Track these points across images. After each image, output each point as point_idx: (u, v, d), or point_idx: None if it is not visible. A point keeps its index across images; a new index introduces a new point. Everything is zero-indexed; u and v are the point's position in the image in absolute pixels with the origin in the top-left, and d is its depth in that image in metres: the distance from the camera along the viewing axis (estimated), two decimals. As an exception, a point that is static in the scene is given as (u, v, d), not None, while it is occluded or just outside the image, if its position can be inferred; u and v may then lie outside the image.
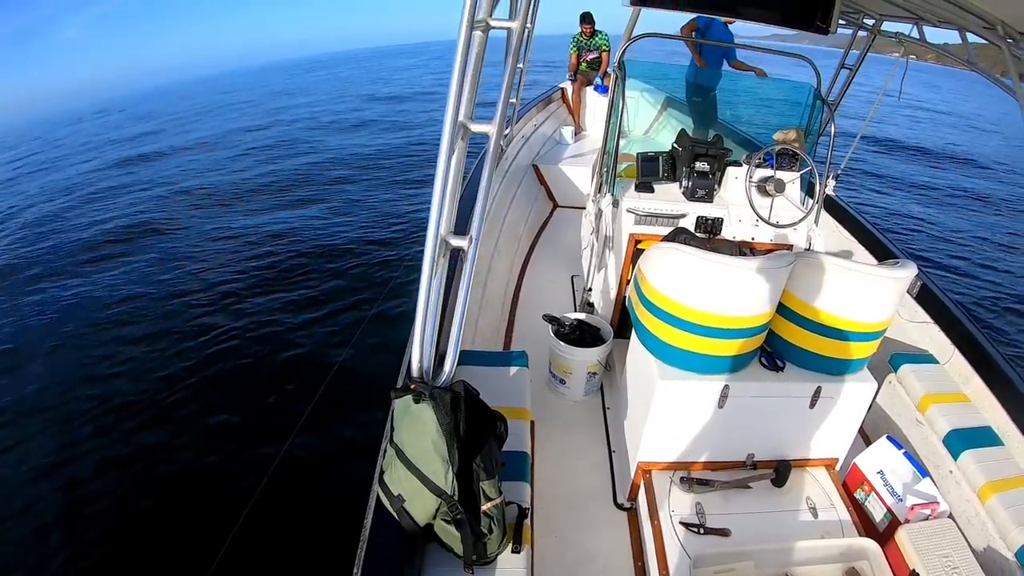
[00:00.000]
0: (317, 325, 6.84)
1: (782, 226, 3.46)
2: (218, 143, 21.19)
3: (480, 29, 1.87)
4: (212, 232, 10.33)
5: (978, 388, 3.21)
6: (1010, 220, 12.61)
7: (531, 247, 5.37)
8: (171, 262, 9.17)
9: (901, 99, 4.59)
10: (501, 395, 2.54)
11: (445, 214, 1.77)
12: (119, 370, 6.32)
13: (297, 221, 10.58)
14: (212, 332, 6.88)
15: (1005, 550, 2.53)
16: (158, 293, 8.13)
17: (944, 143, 22.06)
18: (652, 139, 4.85)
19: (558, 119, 7.94)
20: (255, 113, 29.68)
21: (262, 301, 7.53)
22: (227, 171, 15.60)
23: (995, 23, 2.62)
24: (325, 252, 8.92)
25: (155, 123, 31.97)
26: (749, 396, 2.57)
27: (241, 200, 12.50)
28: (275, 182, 13.81)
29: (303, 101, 32.31)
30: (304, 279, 8.09)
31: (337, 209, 11.15)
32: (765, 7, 2.99)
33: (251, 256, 9.05)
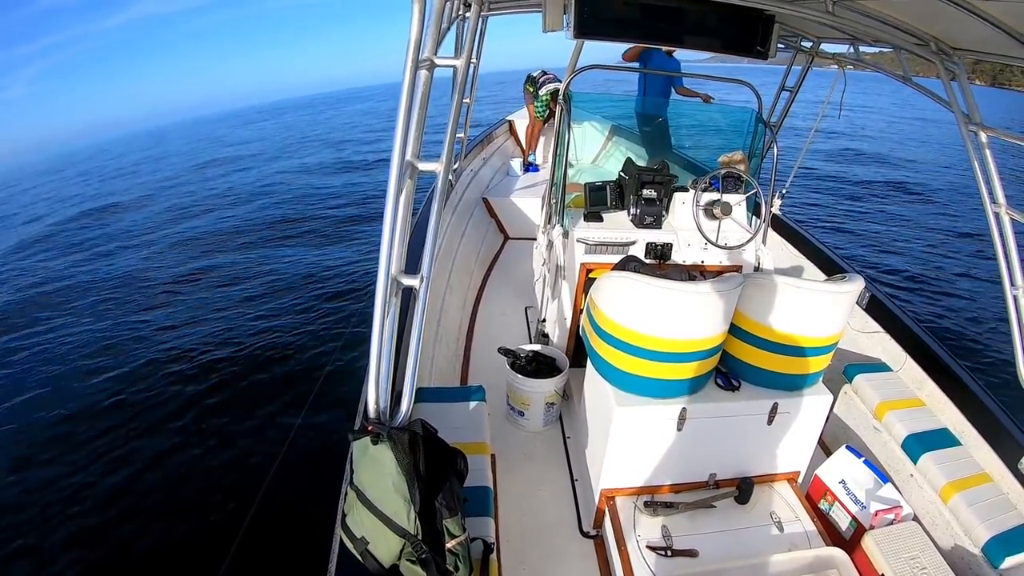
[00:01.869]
0: (272, 391, 6.58)
1: (730, 248, 3.52)
2: (150, 199, 21.04)
3: (425, 68, 1.90)
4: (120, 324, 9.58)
5: (932, 392, 3.28)
6: (949, 222, 13.02)
7: (484, 280, 5.36)
8: (113, 330, 8.88)
9: (844, 112, 4.72)
10: (460, 431, 2.54)
11: (396, 253, 1.78)
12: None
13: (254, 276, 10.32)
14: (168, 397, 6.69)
15: (971, 546, 2.58)
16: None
17: (887, 150, 22.74)
18: (601, 168, 4.92)
19: (506, 152, 7.99)
20: (185, 167, 29.48)
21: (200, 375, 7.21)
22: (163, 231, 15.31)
23: (928, 40, 2.71)
24: (273, 316, 8.57)
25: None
26: (707, 417, 2.60)
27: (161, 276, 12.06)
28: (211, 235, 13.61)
29: (246, 153, 31.99)
30: (255, 343, 7.77)
31: (284, 265, 10.88)
32: (705, 35, 3.04)
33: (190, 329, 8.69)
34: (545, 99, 7.46)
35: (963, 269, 10.05)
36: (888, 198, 15.11)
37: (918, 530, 2.54)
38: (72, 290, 10.99)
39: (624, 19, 2.93)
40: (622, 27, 2.95)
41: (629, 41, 3.17)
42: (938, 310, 8.41)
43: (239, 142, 38.96)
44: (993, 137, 2.65)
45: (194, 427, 6.02)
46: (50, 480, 5.48)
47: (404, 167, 1.80)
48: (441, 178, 1.91)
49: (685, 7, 2.89)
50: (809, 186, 15.17)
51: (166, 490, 5.25)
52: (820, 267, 4.46)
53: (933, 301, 8.71)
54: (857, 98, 42.69)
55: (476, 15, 2.32)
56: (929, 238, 11.77)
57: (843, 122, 23.47)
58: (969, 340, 7.46)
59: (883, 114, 36.46)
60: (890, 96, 46.00)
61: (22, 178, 45.55)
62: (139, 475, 5.45)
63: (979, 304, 8.55)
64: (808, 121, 5.30)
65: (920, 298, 8.76)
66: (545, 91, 7.45)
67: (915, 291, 9.00)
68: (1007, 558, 2.44)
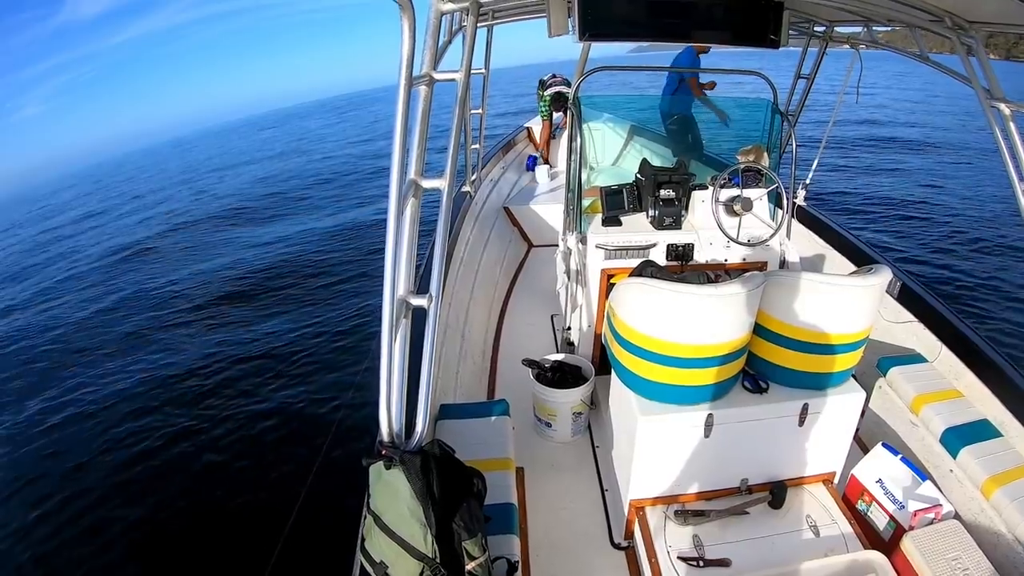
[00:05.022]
0: (298, 417, 6.57)
1: (753, 244, 3.46)
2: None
3: (424, 84, 1.89)
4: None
5: (970, 382, 3.18)
6: (978, 201, 12.77)
7: (509, 290, 5.35)
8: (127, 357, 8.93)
9: (863, 94, 4.64)
10: (483, 447, 2.53)
11: (402, 274, 1.75)
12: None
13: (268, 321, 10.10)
14: (194, 422, 6.73)
15: (1016, 544, 2.48)
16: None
17: (912, 131, 22.35)
18: (622, 168, 4.88)
19: (526, 159, 7.97)
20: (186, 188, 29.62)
21: (232, 397, 7.23)
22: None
23: (942, 16, 2.65)
24: (295, 345, 8.37)
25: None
26: (735, 422, 2.54)
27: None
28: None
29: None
30: (285, 362, 7.76)
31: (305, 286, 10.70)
32: (715, 28, 3.04)
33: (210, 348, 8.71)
34: (548, 100, 7.50)
35: (996, 251, 9.82)
36: (916, 181, 14.83)
37: (959, 529, 2.47)
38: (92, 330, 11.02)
39: (629, 19, 2.92)
40: (628, 27, 2.94)
41: (636, 40, 3.13)
42: (972, 296, 8.20)
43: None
44: (1017, 111, 2.58)
45: (219, 457, 6.07)
46: (75, 514, 5.57)
47: (407, 186, 1.78)
48: (445, 196, 1.88)
49: (690, 1, 2.87)
50: (835, 174, 14.93)
51: (194, 516, 5.31)
52: (848, 257, 4.37)
53: (966, 287, 8.50)
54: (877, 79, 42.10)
55: (472, 26, 2.30)
56: (959, 220, 11.52)
57: (865, 105, 22.90)
58: (1006, 326, 7.28)
59: (904, 94, 35.73)
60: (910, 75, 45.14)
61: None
62: (168, 504, 5.52)
63: (1014, 287, 8.35)
64: (829, 106, 5.19)
65: (953, 284, 8.55)
66: (549, 92, 7.49)
67: (947, 277, 8.80)
68: None
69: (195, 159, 46.70)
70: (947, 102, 29.49)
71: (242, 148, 45.87)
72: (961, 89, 2.89)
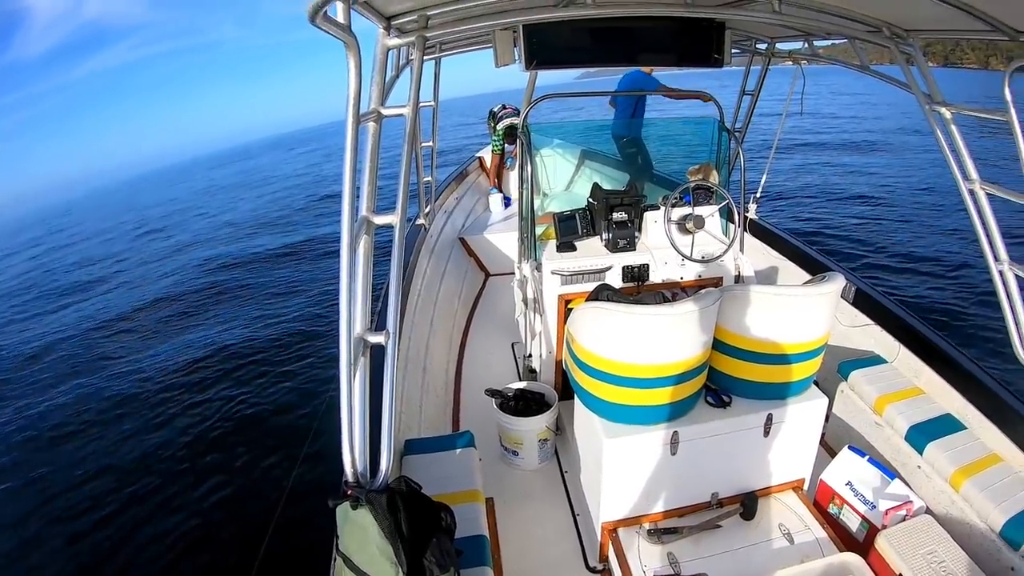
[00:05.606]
0: (261, 454, 6.38)
1: (707, 260, 3.50)
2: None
3: (372, 120, 1.89)
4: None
5: (930, 379, 3.24)
6: (926, 203, 13.13)
7: (468, 320, 5.33)
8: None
9: (812, 101, 4.75)
10: (451, 480, 2.50)
11: (358, 311, 1.74)
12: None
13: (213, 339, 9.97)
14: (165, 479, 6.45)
15: (989, 532, 2.52)
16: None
17: (858, 139, 22.98)
18: (575, 193, 4.91)
19: (479, 189, 7.98)
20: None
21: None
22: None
23: (880, 26, 2.73)
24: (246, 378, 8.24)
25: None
26: (701, 437, 2.56)
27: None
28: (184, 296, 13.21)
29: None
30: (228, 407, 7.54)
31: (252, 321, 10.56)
32: (659, 51, 3.07)
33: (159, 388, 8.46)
34: (500, 133, 7.52)
35: (946, 250, 10.04)
36: (864, 186, 15.20)
37: (932, 523, 2.50)
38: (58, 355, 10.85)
39: (574, 46, 2.92)
40: (573, 54, 2.95)
41: (582, 67, 3.18)
42: (927, 295, 8.37)
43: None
44: (957, 113, 2.64)
45: (183, 494, 5.92)
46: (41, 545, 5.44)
47: (359, 223, 1.77)
48: (397, 231, 1.87)
49: (634, 26, 2.88)
50: (785, 186, 15.22)
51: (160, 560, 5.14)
52: (802, 266, 4.46)
53: (920, 286, 8.68)
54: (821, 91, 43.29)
55: (419, 60, 2.31)
56: (909, 223, 11.80)
57: (812, 117, 23.47)
58: (961, 321, 7.42)
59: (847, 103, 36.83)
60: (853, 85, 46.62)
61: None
62: (130, 540, 5.37)
63: (966, 283, 8.53)
64: (776, 121, 5.31)
65: (907, 285, 8.72)
66: (502, 126, 7.51)
67: (901, 279, 8.97)
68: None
69: (144, 201, 45.87)
70: (889, 109, 30.40)
71: (179, 196, 45.05)
72: (903, 96, 2.97)
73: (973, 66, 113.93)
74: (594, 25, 2.84)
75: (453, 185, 7.25)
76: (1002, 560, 2.45)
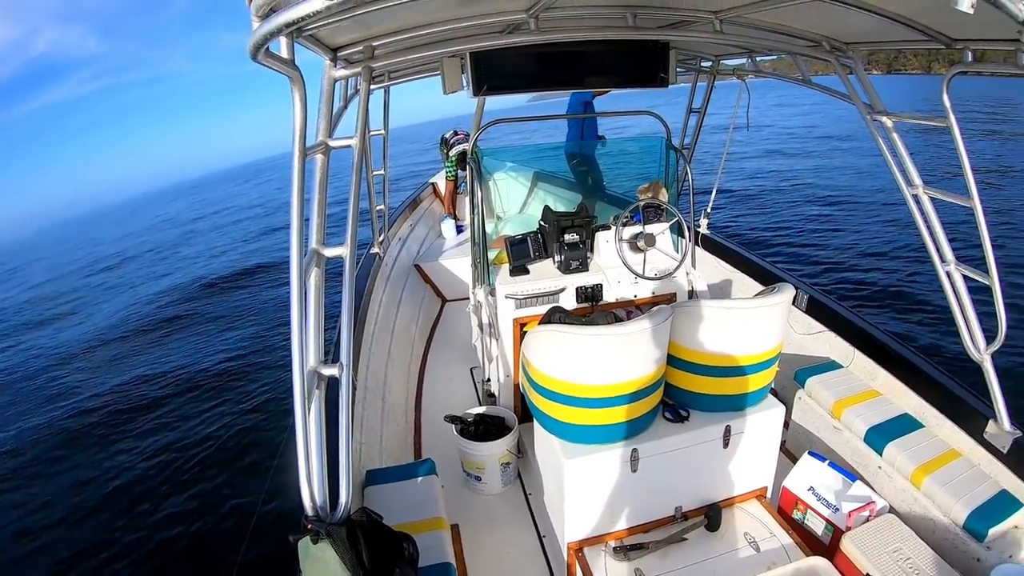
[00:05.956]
0: (225, 488, 6.25)
1: (659, 277, 3.54)
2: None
3: (320, 152, 1.88)
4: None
5: (886, 380, 3.30)
6: (873, 208, 13.45)
7: (426, 347, 5.29)
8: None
9: (761, 114, 4.82)
10: (413, 509, 2.47)
11: (311, 344, 1.72)
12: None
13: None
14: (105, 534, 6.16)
15: (953, 526, 2.56)
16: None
17: (806, 149, 23.63)
18: (529, 216, 4.92)
19: (433, 215, 7.97)
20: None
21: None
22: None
23: (819, 40, 2.79)
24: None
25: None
26: (660, 453, 2.57)
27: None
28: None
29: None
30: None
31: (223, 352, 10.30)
32: (605, 74, 3.12)
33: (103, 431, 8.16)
34: (453, 159, 7.54)
35: (893, 255, 10.27)
36: (815, 196, 15.51)
37: (896, 521, 2.54)
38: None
39: (522, 71, 2.96)
40: (521, 80, 2.99)
41: (529, 91, 3.21)
42: (878, 299, 8.53)
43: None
44: (898, 121, 2.70)
45: (141, 537, 5.71)
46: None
47: (309, 256, 1.76)
48: (348, 262, 1.87)
49: (580, 50, 2.93)
50: (736, 199, 15.47)
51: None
52: (755, 278, 4.52)
53: (871, 290, 8.85)
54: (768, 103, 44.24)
55: (366, 91, 2.32)
56: (858, 229, 12.04)
57: (761, 130, 23.89)
58: (912, 323, 7.57)
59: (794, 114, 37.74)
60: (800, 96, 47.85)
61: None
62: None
63: (915, 285, 8.71)
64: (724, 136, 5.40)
65: (858, 290, 8.88)
66: (454, 152, 7.54)
67: (852, 284, 9.13)
68: (990, 529, 2.43)
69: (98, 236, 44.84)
70: (838, 118, 31.05)
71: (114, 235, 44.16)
72: (849, 105, 3.01)
73: (917, 71, 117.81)
74: (541, 50, 2.88)
75: (407, 212, 7.24)
76: (967, 552, 2.49)
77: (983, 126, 26.70)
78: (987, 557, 2.42)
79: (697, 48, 4.11)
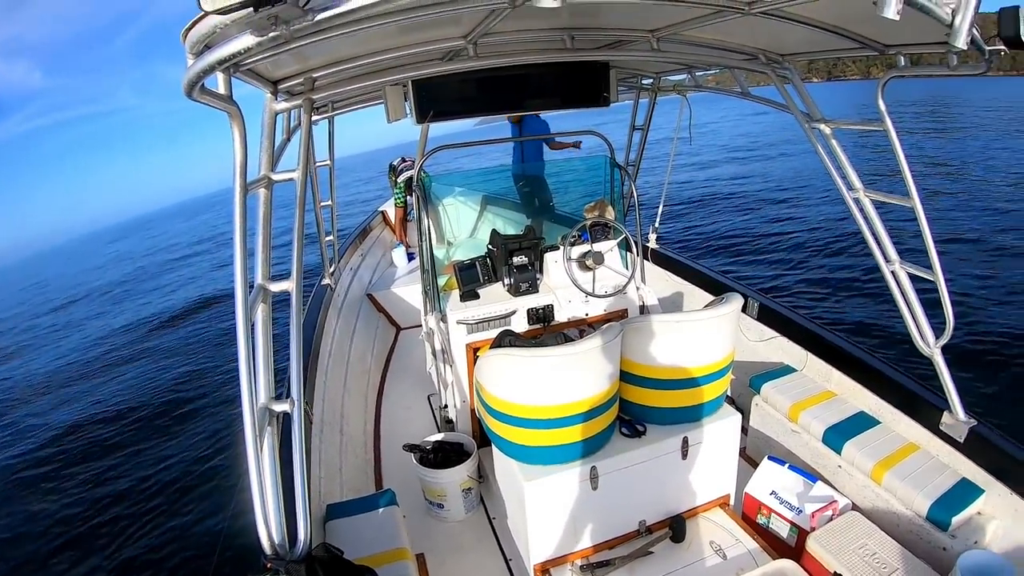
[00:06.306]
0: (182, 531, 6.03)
1: (609, 295, 3.55)
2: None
3: (262, 186, 1.86)
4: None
5: (840, 381, 3.36)
6: (818, 213, 13.73)
7: (382, 377, 5.25)
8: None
9: (706, 127, 4.91)
10: (376, 541, 2.43)
11: (261, 381, 1.69)
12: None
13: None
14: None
15: (916, 517, 2.60)
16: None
17: (751, 158, 24.07)
18: (479, 239, 4.92)
19: (384, 243, 7.92)
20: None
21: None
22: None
23: (755, 53, 2.85)
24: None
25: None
26: (619, 469, 2.59)
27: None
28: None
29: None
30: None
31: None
32: (547, 95, 3.16)
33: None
34: (402, 186, 7.50)
35: (842, 255, 10.49)
36: (762, 204, 15.79)
37: (859, 518, 2.58)
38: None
39: (464, 97, 2.99)
40: (463, 105, 3.02)
41: (472, 116, 3.22)
42: (828, 301, 8.68)
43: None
44: (836, 128, 2.76)
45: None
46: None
47: (256, 292, 1.74)
48: (294, 297, 1.85)
49: (521, 73, 2.97)
50: (685, 212, 15.65)
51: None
52: (706, 289, 4.57)
53: (821, 293, 9.00)
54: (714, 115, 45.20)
55: (307, 123, 2.30)
56: (807, 233, 12.29)
57: (707, 143, 24.21)
58: (863, 322, 7.70)
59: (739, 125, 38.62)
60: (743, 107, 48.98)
61: None
62: None
63: (864, 285, 8.86)
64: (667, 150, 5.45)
65: (809, 293, 9.04)
66: (402, 179, 7.49)
67: (803, 288, 9.29)
68: (954, 518, 2.48)
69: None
70: (779, 128, 31.85)
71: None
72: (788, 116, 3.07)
73: (856, 77, 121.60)
74: (482, 75, 2.90)
75: (357, 242, 7.18)
76: (933, 542, 2.53)
77: (924, 124, 27.60)
78: (952, 545, 2.46)
79: (637, 66, 4.16)
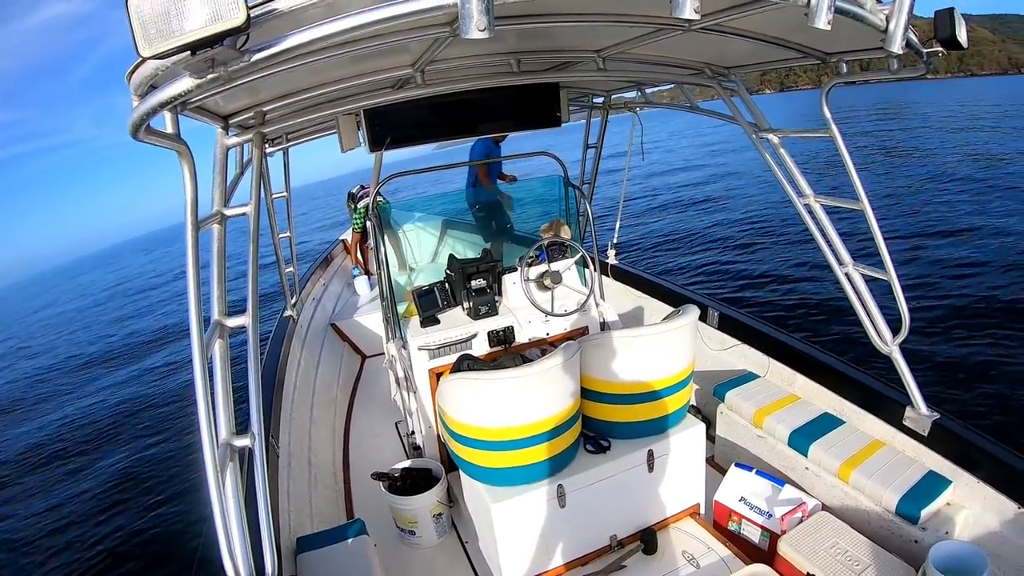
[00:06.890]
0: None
1: (569, 313, 3.58)
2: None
3: (216, 222, 1.84)
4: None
5: (803, 384, 3.41)
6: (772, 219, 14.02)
7: (349, 406, 5.20)
8: None
9: (658, 142, 4.97)
10: (346, 572, 2.41)
11: (222, 416, 1.67)
12: None
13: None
14: None
15: (886, 513, 2.63)
16: None
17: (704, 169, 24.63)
18: (440, 264, 4.92)
19: (346, 272, 7.83)
20: None
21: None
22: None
23: (701, 68, 2.91)
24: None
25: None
26: (586, 485, 2.59)
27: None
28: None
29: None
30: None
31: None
32: (499, 119, 3.20)
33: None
34: (361, 213, 7.49)
35: (797, 260, 10.66)
36: (718, 213, 16.07)
37: (829, 518, 2.60)
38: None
39: (416, 123, 3.01)
40: (417, 131, 3.03)
41: (425, 143, 3.24)
42: (787, 306, 8.79)
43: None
44: (784, 137, 2.82)
45: None
46: None
47: (212, 327, 1.72)
48: (251, 331, 1.83)
49: (472, 98, 2.98)
50: (643, 226, 15.81)
51: None
52: (666, 302, 4.63)
53: (779, 299, 9.13)
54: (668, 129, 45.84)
55: (259, 157, 2.28)
56: (763, 240, 12.52)
57: (661, 157, 24.47)
58: (822, 325, 7.82)
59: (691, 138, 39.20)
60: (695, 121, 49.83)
61: None
62: None
63: (821, 288, 9.01)
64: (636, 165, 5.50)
65: (767, 299, 9.17)
66: (361, 205, 7.50)
67: (761, 295, 9.41)
68: (923, 511, 2.51)
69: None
70: (728, 137, 32.15)
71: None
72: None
73: (808, 87, 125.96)
74: (434, 101, 2.91)
75: (319, 271, 7.14)
76: (904, 536, 2.57)
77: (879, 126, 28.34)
78: (924, 538, 2.49)
79: (587, 85, 4.21)
